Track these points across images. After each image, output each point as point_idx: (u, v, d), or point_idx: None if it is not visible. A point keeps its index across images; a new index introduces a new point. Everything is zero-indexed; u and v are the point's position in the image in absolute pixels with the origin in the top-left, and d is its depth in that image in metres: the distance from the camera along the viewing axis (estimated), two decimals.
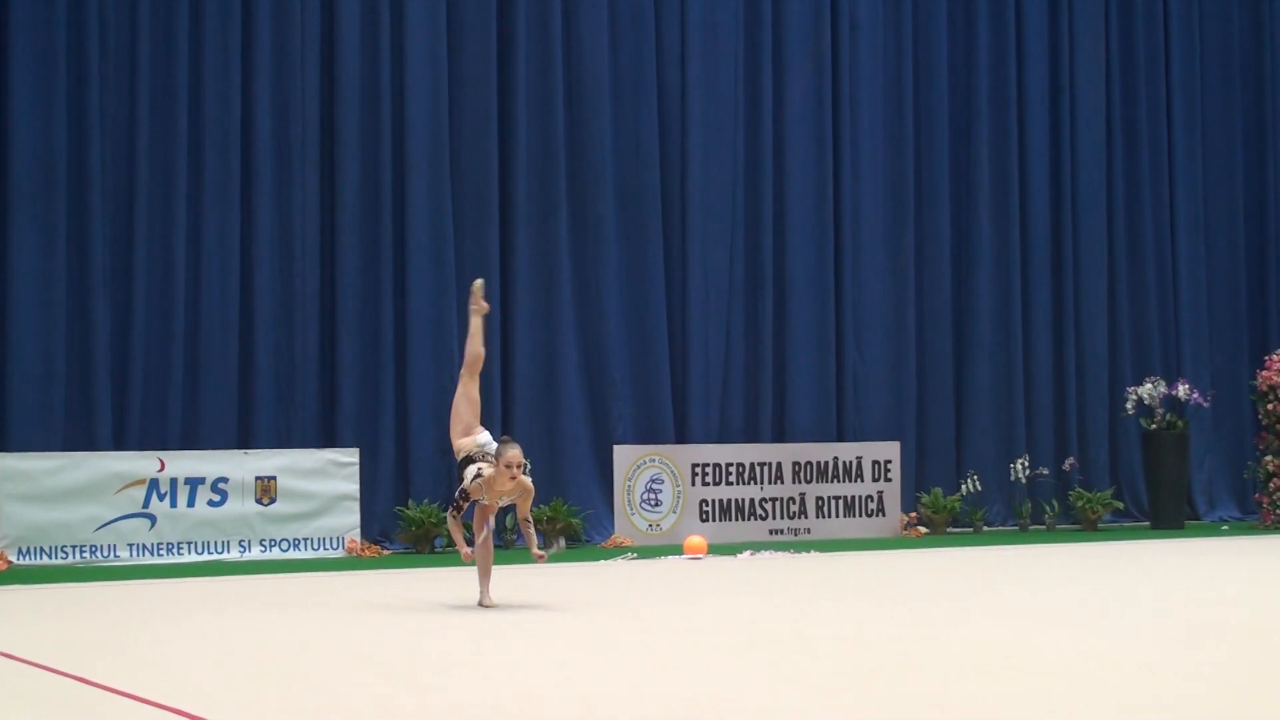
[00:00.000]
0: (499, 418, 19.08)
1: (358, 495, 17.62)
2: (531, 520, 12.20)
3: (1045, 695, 7.82)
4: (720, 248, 20.70)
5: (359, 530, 17.63)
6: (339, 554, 17.39)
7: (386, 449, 18.63)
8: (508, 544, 18.38)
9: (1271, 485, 21.73)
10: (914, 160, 21.99)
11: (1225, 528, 22.10)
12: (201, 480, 16.98)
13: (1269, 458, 21.78)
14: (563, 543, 12.47)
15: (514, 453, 11.78)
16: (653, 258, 20.27)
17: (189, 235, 18.05)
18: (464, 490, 11.83)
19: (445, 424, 18.47)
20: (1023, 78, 22.82)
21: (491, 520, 12.34)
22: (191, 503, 16.91)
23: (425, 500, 18.30)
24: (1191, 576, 14.93)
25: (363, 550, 17.49)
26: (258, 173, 18.39)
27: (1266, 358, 22.16)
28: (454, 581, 14.26)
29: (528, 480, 12.05)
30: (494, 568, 12.36)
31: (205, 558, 16.84)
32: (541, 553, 12.23)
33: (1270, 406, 21.72)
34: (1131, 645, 9.76)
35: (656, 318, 20.21)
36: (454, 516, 12.11)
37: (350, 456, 17.76)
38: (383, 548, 17.98)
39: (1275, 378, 21.66)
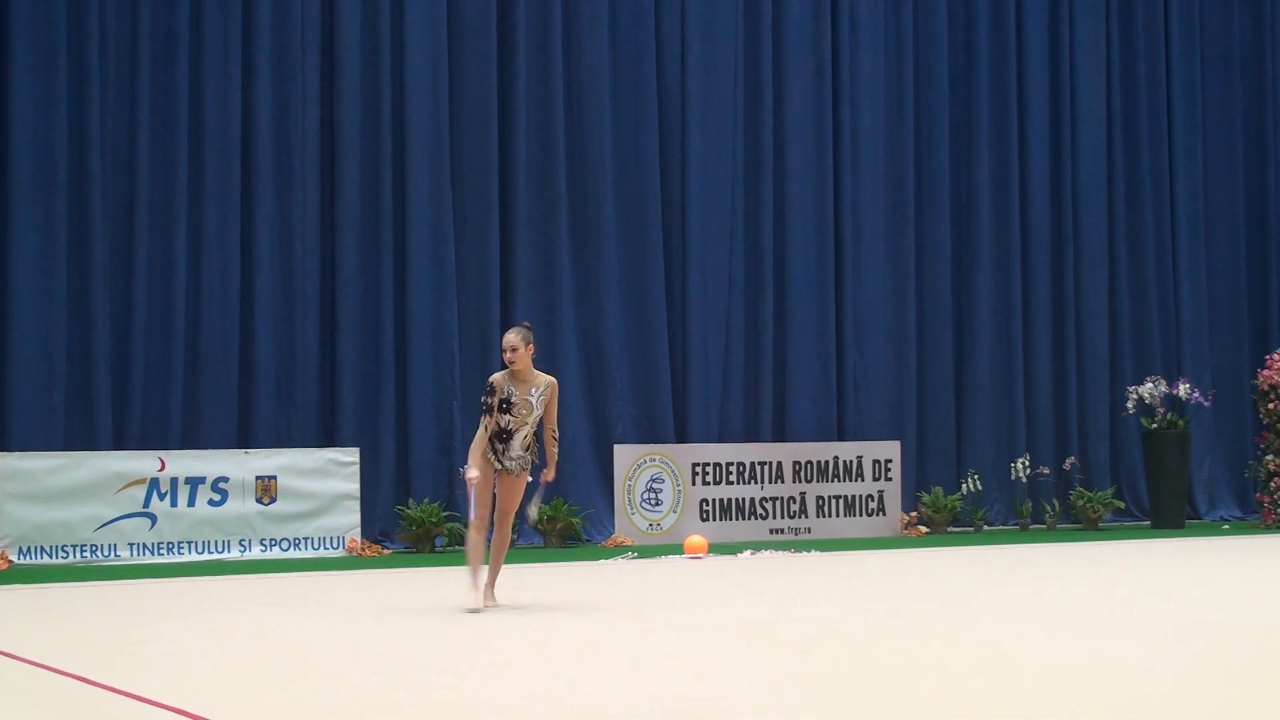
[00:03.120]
0: None
1: (358, 494, 17.63)
2: (556, 438, 12.07)
3: (1047, 694, 7.82)
4: (720, 247, 20.71)
5: (359, 530, 17.63)
6: (339, 553, 17.39)
7: (387, 448, 18.64)
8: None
9: (1272, 484, 21.73)
10: (914, 159, 22.02)
11: (1226, 527, 22.10)
12: (202, 480, 16.99)
13: (1270, 457, 21.78)
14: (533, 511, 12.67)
15: (508, 336, 11.66)
16: (653, 257, 20.28)
17: (189, 235, 18.06)
18: (486, 401, 11.68)
19: (446, 423, 18.65)
20: (1023, 76, 22.83)
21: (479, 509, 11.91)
22: (192, 502, 16.92)
23: (426, 499, 18.31)
24: (1192, 576, 14.91)
25: (363, 550, 17.49)
26: (258, 172, 18.40)
27: (1267, 357, 22.17)
28: (455, 581, 14.25)
29: (546, 378, 11.79)
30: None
31: (206, 557, 16.84)
32: (548, 476, 12.19)
33: (1271, 405, 21.71)
34: (1132, 645, 9.76)
35: (656, 317, 20.22)
36: (484, 429, 11.79)
37: (350, 456, 17.76)
38: (383, 547, 18.00)
39: (1276, 377, 21.65)
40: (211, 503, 17.00)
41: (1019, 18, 22.87)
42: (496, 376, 11.75)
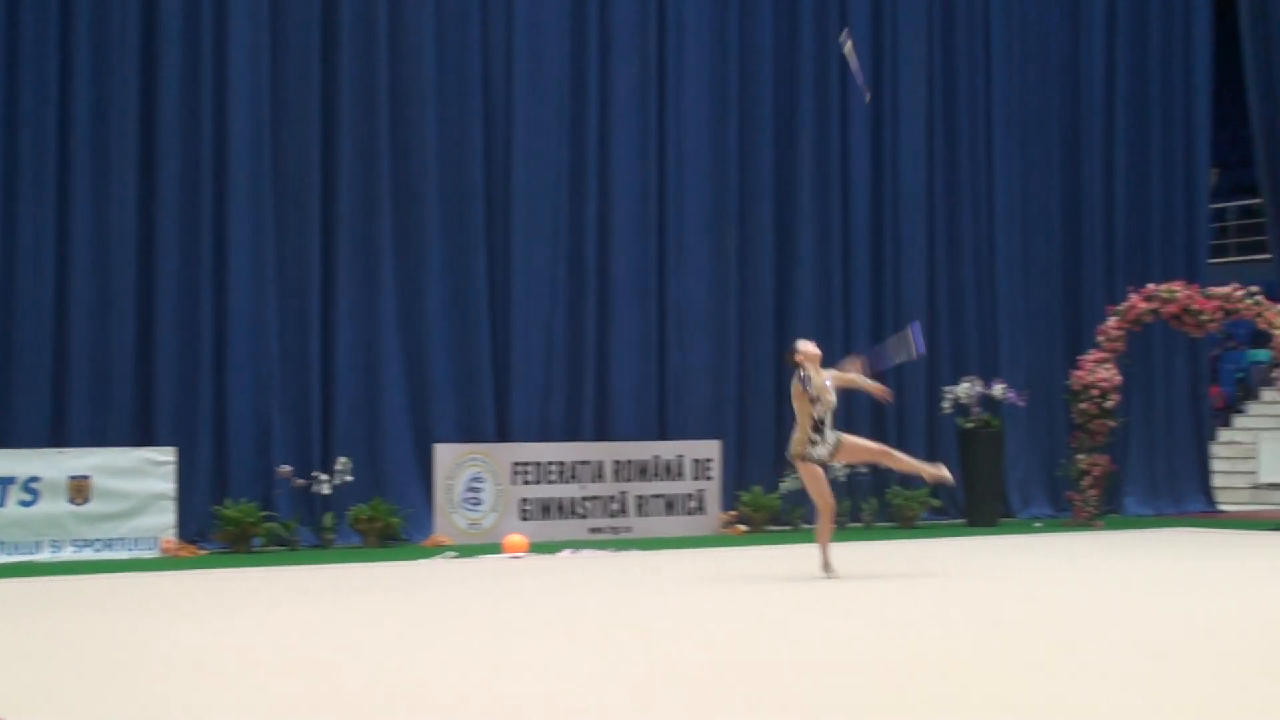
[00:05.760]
0: (319, 414, 18.98)
1: (174, 494, 17.44)
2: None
3: (861, 691, 7.91)
4: (543, 246, 20.69)
5: (175, 530, 17.44)
6: (154, 554, 17.19)
7: (204, 447, 18.43)
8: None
9: (1083, 483, 22.12)
10: (737, 160, 22.12)
11: (1038, 525, 22.45)
12: (12, 480, 16.72)
13: (1081, 456, 22.17)
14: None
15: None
16: (475, 256, 20.22)
17: (3, 230, 17.78)
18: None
19: (264, 422, 18.49)
20: (845, 77, 22.99)
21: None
22: (2, 502, 16.64)
23: (243, 499, 18.13)
24: (1004, 573, 15.13)
25: (179, 550, 17.29)
26: (75, 168, 18.12)
27: (1080, 358, 22.57)
28: (272, 582, 14.17)
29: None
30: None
31: (16, 558, 16.56)
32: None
33: (1083, 405, 22.11)
34: (947, 642, 9.90)
35: (479, 316, 20.17)
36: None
37: (167, 455, 17.56)
38: (199, 547, 17.79)
39: (1088, 377, 22.05)
40: (22, 503, 16.72)
41: (842, 20, 23.06)
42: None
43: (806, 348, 14.72)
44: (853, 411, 22.19)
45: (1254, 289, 21.89)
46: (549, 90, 20.87)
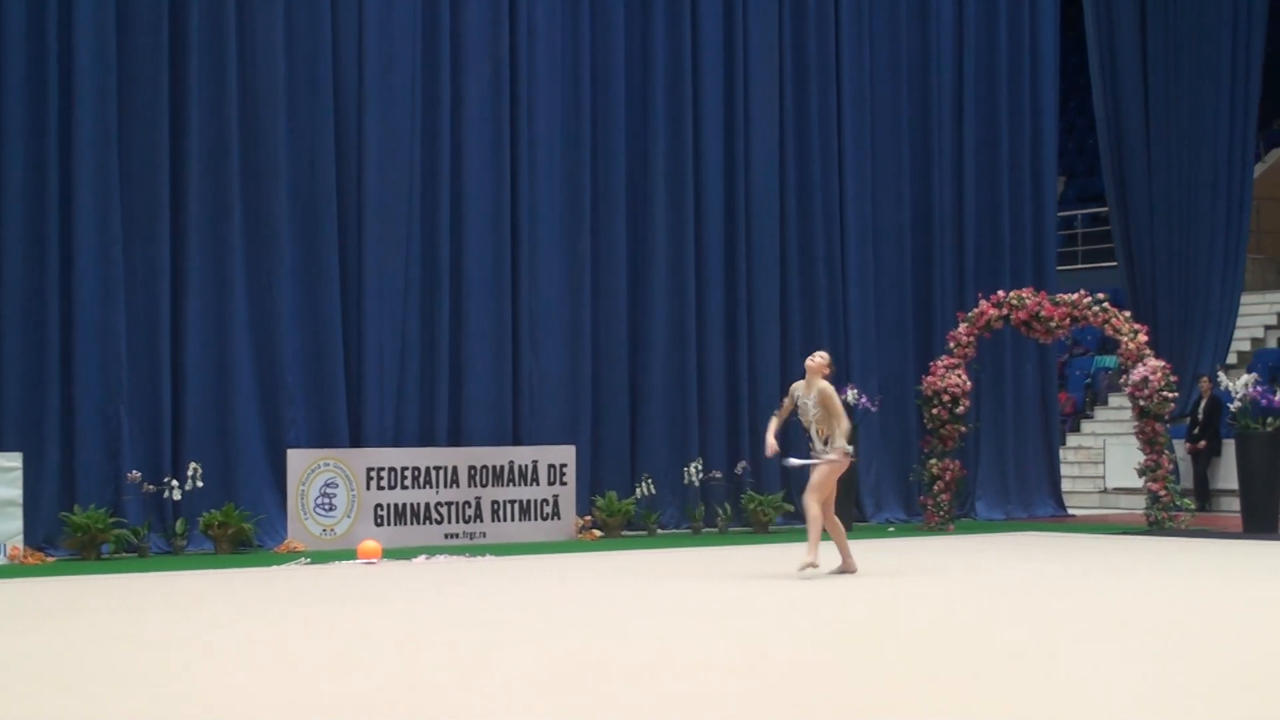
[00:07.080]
0: (169, 420, 18.73)
1: (20, 501, 17.15)
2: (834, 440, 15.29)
3: (720, 695, 7.92)
4: (396, 250, 20.55)
5: (22, 537, 17.15)
6: (1, 561, 16.90)
7: (51, 453, 18.12)
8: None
9: (935, 488, 22.33)
10: (591, 165, 22.12)
11: (891, 529, 22.64)
12: None
13: (933, 461, 22.38)
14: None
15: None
16: (327, 260, 20.05)
17: None
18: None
19: (113, 427, 18.22)
20: (698, 86, 23.10)
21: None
22: None
23: (92, 505, 17.86)
24: (857, 578, 15.23)
25: (26, 557, 17.01)
26: None
27: (931, 363, 22.78)
28: (123, 589, 13.99)
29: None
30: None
31: None
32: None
33: (934, 411, 22.32)
34: (790, 644, 9.95)
35: (331, 320, 20.00)
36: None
37: (12, 461, 17.26)
38: (47, 554, 17.51)
39: (939, 383, 22.26)
40: None
41: (694, 28, 23.13)
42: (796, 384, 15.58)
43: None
44: (706, 404, 22.32)
45: (1101, 296, 22.19)
46: (400, 93, 20.72)
